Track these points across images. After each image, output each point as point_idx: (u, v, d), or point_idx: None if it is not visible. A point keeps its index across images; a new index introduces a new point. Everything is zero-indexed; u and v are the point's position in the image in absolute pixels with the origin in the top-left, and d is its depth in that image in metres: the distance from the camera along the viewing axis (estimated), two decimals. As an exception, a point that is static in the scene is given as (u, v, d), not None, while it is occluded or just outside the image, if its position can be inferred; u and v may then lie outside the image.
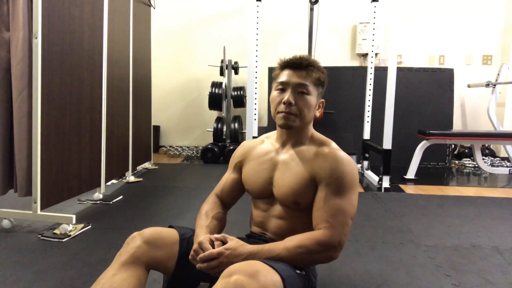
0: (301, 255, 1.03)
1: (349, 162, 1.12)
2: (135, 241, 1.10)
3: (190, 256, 1.06)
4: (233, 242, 1.04)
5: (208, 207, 1.27)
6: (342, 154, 1.13)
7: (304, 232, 1.10)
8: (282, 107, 1.13)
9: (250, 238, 1.25)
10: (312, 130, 1.22)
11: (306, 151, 1.17)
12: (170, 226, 1.19)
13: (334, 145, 1.18)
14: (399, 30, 4.75)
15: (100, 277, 1.05)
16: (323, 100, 1.23)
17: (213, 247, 1.04)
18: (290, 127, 1.16)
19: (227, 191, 1.32)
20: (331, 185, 1.09)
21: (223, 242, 1.05)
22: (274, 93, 1.18)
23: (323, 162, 1.12)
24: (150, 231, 1.12)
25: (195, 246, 1.05)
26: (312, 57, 1.21)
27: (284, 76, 1.16)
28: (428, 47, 4.89)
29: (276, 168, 1.20)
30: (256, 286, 0.87)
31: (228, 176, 1.33)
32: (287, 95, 1.13)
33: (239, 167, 1.31)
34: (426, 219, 2.39)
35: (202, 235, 1.11)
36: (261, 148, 1.27)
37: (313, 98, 1.16)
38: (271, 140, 1.28)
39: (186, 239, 1.15)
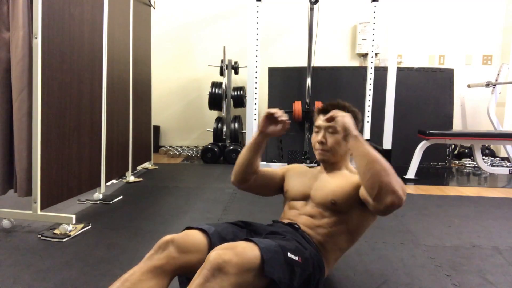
0: (384, 165, 1.16)
1: None
2: (168, 248, 1.13)
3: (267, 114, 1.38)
4: None
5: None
6: None
7: (329, 230, 1.34)
8: (317, 145, 1.43)
9: (277, 223, 1.44)
10: (349, 164, 1.48)
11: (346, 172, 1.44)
12: (200, 229, 1.21)
13: None
14: (399, 30, 4.75)
15: (127, 275, 1.07)
16: None
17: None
18: (325, 161, 1.45)
19: (266, 171, 1.57)
20: None
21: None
22: (314, 134, 1.47)
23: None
24: (183, 239, 1.15)
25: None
26: (341, 101, 1.46)
27: (318, 120, 1.45)
28: (428, 47, 4.89)
29: (317, 179, 1.45)
30: (232, 253, 1.00)
31: (274, 169, 1.61)
32: (320, 136, 1.42)
33: (285, 172, 1.58)
34: (426, 219, 2.39)
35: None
36: (307, 168, 1.58)
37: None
38: None
39: (216, 235, 1.21)
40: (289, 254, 1.12)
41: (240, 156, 1.49)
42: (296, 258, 1.13)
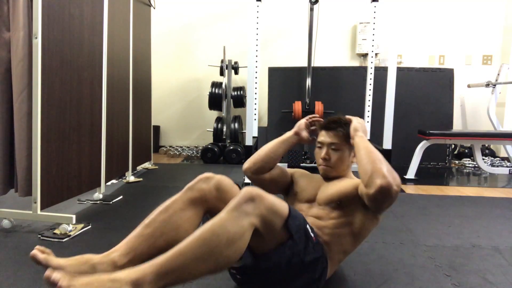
0: (380, 156, 1.25)
1: None
2: (208, 183, 1.25)
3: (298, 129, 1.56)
4: None
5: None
6: None
7: (334, 231, 1.35)
8: (321, 161, 1.47)
9: None
10: (351, 174, 1.50)
11: None
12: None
13: None
14: (399, 30, 4.75)
15: (169, 202, 1.22)
16: None
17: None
18: (328, 176, 1.48)
19: (280, 168, 1.59)
20: None
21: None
22: (317, 149, 1.50)
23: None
24: (222, 179, 1.28)
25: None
26: (343, 117, 1.48)
27: (321, 136, 1.48)
28: (428, 47, 4.89)
29: (323, 184, 1.49)
30: (265, 194, 1.07)
31: (285, 168, 1.63)
32: (323, 152, 1.45)
33: (292, 173, 1.61)
34: (426, 219, 2.38)
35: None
36: (310, 173, 1.61)
37: (345, 151, 1.45)
38: None
39: None
40: (308, 226, 1.22)
41: (265, 147, 1.54)
42: (313, 235, 1.23)
